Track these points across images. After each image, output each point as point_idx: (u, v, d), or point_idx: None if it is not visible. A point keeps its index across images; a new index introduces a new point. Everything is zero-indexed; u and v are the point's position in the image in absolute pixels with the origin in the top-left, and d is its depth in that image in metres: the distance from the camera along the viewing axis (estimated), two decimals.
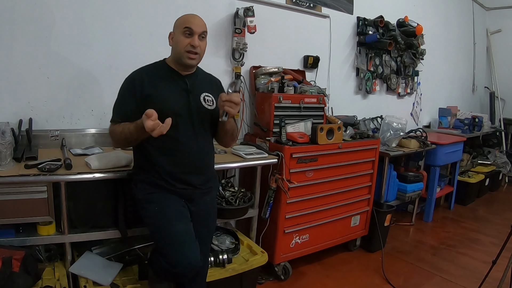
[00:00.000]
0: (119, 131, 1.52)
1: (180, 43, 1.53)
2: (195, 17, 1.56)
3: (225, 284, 1.96)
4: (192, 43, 1.51)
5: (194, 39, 1.52)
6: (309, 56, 3.09)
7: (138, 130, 1.44)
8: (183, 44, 1.52)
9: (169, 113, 1.47)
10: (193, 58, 1.55)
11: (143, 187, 1.61)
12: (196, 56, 1.56)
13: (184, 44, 1.52)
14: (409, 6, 3.98)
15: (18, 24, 1.91)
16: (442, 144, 3.54)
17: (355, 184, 2.76)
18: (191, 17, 1.56)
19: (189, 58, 1.54)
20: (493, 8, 5.63)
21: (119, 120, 1.55)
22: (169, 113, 1.47)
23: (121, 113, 1.56)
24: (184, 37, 1.52)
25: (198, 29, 1.53)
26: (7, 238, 1.63)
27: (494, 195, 4.82)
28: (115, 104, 1.59)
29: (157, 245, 1.61)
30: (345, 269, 2.68)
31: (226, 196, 2.16)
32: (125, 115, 1.54)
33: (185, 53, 1.53)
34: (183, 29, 1.52)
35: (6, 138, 1.62)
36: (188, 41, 1.52)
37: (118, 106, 1.58)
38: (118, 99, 1.59)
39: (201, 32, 1.54)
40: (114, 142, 1.60)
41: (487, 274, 2.10)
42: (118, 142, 1.59)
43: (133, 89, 1.54)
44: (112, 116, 1.58)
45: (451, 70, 5.01)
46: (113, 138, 1.58)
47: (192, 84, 1.62)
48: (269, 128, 2.48)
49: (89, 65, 2.14)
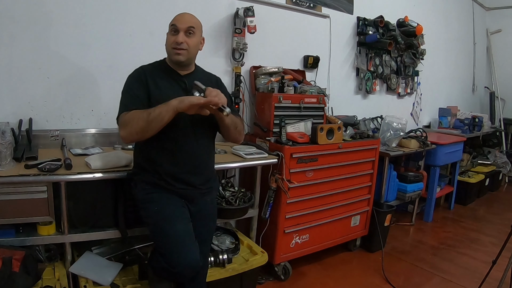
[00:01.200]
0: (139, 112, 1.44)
1: (167, 41, 1.57)
2: (182, 14, 1.58)
3: (225, 284, 1.96)
4: (176, 39, 1.53)
5: (179, 35, 1.53)
6: (309, 56, 3.09)
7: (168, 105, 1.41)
8: (169, 42, 1.55)
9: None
10: (180, 53, 1.54)
11: (143, 187, 1.60)
12: (183, 52, 1.54)
13: (170, 41, 1.55)
14: (409, 6, 3.98)
15: (18, 24, 1.91)
16: (442, 144, 3.54)
17: (355, 184, 2.76)
18: (179, 15, 1.58)
19: (176, 54, 1.54)
20: (493, 8, 5.63)
21: (132, 106, 1.49)
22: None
23: (132, 99, 1.51)
24: (170, 35, 1.55)
25: (182, 25, 1.53)
26: (7, 238, 1.63)
27: (494, 195, 4.82)
28: (125, 96, 1.54)
29: (156, 245, 1.61)
30: (345, 269, 2.68)
31: (226, 196, 2.16)
32: (137, 99, 1.50)
33: (172, 50, 1.55)
34: (170, 27, 1.56)
35: (6, 138, 1.62)
36: (174, 39, 1.54)
37: (130, 96, 1.52)
38: (128, 91, 1.54)
39: (186, 28, 1.53)
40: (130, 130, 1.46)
41: (487, 274, 2.10)
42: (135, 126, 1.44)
43: (142, 80, 1.55)
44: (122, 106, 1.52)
45: (451, 70, 5.01)
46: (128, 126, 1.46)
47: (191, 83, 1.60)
48: (269, 128, 2.48)
49: (89, 65, 2.14)
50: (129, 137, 1.49)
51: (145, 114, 1.43)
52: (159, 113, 1.42)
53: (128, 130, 1.46)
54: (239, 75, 2.66)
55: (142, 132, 1.45)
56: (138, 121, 1.43)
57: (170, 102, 1.43)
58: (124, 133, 1.48)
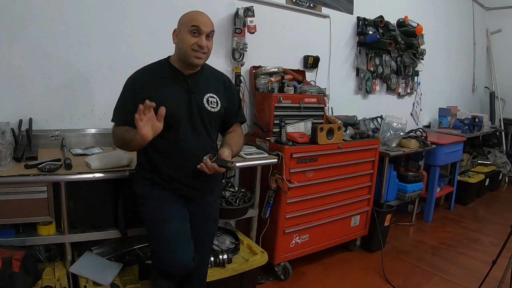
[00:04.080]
0: (120, 136, 1.51)
1: (186, 42, 1.46)
2: (203, 15, 1.50)
3: (225, 284, 1.96)
4: (200, 43, 1.45)
5: (202, 39, 1.45)
6: (309, 56, 3.09)
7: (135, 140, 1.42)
8: (189, 43, 1.45)
9: (169, 116, 1.44)
10: (200, 57, 1.49)
11: (143, 183, 1.59)
12: (204, 56, 1.50)
13: (190, 43, 1.45)
14: (409, 6, 3.97)
15: (18, 24, 1.91)
16: (442, 144, 3.54)
17: (355, 184, 2.76)
18: (199, 15, 1.49)
19: (196, 57, 1.47)
20: (493, 8, 5.63)
21: (121, 123, 1.54)
22: (169, 115, 1.44)
23: (121, 116, 1.54)
24: (190, 35, 1.45)
25: (206, 29, 1.46)
26: (7, 238, 1.63)
27: (494, 195, 4.82)
28: (117, 105, 1.58)
29: (150, 242, 1.63)
30: (345, 269, 2.68)
31: (226, 196, 2.16)
32: (125, 118, 1.51)
33: (191, 52, 1.46)
34: (191, 28, 1.45)
35: (6, 138, 1.62)
36: (195, 41, 1.45)
37: (119, 108, 1.56)
38: (120, 101, 1.57)
39: (209, 32, 1.48)
40: (115, 144, 1.62)
41: (487, 274, 2.10)
42: (118, 145, 1.60)
43: (133, 92, 1.51)
44: (113, 116, 1.57)
45: (451, 70, 5.01)
46: (113, 140, 1.59)
47: (196, 85, 1.56)
48: (269, 128, 2.48)
49: (89, 65, 2.14)
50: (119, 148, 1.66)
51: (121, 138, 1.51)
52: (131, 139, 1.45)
53: (114, 143, 1.64)
54: (239, 75, 2.66)
55: (127, 149, 1.59)
56: (118, 143, 1.57)
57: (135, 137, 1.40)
58: (114, 144, 1.66)
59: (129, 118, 1.45)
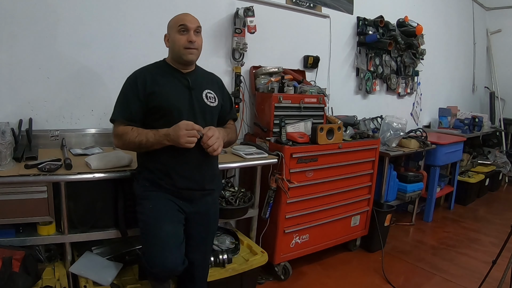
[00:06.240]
0: (133, 136, 1.50)
1: (177, 41, 1.55)
2: (188, 15, 1.59)
3: (225, 284, 1.96)
4: (189, 38, 1.53)
5: (191, 34, 1.54)
6: (309, 56, 3.09)
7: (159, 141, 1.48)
8: (180, 42, 1.54)
9: (171, 110, 1.52)
10: (192, 53, 1.56)
11: (143, 184, 1.60)
12: (195, 51, 1.58)
13: (182, 41, 1.54)
14: (409, 6, 3.98)
15: (18, 24, 1.91)
16: (442, 144, 3.54)
17: (355, 184, 2.76)
18: (184, 15, 1.58)
19: (189, 53, 1.55)
20: (493, 8, 5.63)
21: (125, 121, 1.54)
22: (171, 109, 1.52)
23: (126, 115, 1.54)
24: (180, 34, 1.54)
25: (192, 25, 1.55)
26: (7, 238, 1.63)
27: (494, 195, 4.82)
28: (117, 102, 1.58)
29: (142, 242, 1.63)
30: (345, 269, 2.68)
31: (226, 196, 2.16)
32: (130, 116, 1.54)
33: (184, 49, 1.54)
34: (178, 27, 1.54)
35: (6, 138, 1.62)
36: (185, 38, 1.54)
37: (121, 106, 1.56)
38: (121, 99, 1.57)
39: (195, 27, 1.56)
40: (122, 145, 1.56)
41: (487, 274, 2.10)
42: (127, 146, 1.55)
43: (136, 89, 1.54)
44: (113, 115, 1.56)
45: (451, 70, 5.02)
46: (121, 140, 1.55)
47: (194, 81, 1.62)
48: (269, 128, 2.48)
49: (89, 65, 2.14)
50: (124, 148, 1.60)
51: (136, 140, 1.50)
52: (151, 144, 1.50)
53: (121, 144, 1.57)
54: (239, 75, 2.66)
55: (137, 149, 1.59)
56: (129, 144, 1.53)
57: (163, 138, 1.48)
58: (118, 144, 1.59)
59: (133, 116, 1.53)
